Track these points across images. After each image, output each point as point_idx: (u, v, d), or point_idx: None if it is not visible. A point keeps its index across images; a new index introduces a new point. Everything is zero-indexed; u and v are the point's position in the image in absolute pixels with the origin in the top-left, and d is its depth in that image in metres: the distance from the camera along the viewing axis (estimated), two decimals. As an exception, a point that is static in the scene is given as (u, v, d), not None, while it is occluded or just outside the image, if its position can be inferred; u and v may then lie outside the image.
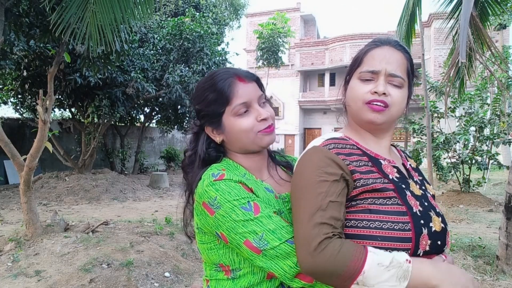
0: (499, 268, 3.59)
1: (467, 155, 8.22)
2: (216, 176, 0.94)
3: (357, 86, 0.96)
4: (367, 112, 0.93)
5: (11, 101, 9.62)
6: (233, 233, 0.89)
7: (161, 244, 4.26)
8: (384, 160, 0.96)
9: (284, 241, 0.85)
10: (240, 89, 0.98)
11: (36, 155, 4.03)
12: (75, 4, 3.21)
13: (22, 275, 3.35)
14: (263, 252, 0.86)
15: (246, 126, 0.98)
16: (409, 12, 5.37)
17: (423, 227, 0.87)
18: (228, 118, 0.99)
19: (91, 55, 4.58)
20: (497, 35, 16.05)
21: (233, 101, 0.98)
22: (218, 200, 0.90)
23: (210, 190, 0.92)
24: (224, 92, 0.98)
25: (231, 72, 1.01)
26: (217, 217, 0.91)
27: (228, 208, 0.89)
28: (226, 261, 0.97)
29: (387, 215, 0.85)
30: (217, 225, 0.92)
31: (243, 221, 0.88)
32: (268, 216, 0.89)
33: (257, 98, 1.01)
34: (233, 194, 0.91)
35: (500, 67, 6.47)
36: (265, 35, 15.52)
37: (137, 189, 9.23)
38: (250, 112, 0.99)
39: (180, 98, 10.11)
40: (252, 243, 0.86)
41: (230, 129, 1.00)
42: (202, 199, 0.94)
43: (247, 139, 0.99)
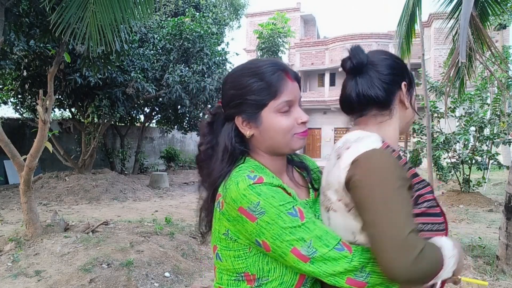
0: (499, 268, 3.59)
1: (467, 155, 8.22)
2: (254, 179, 0.87)
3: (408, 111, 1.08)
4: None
5: (11, 101, 9.62)
6: (279, 240, 0.84)
7: (161, 244, 4.26)
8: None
9: (332, 247, 0.83)
10: (290, 87, 0.94)
11: (36, 155, 4.03)
12: (75, 4, 3.21)
13: (22, 275, 3.35)
14: (311, 260, 0.83)
15: (286, 126, 0.93)
16: (409, 12, 5.36)
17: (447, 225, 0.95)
18: (269, 113, 0.93)
19: (91, 55, 4.57)
20: (497, 35, 16.04)
21: (280, 96, 0.92)
22: (262, 206, 0.84)
23: (250, 194, 0.85)
24: (273, 84, 0.92)
25: (280, 65, 0.95)
26: (259, 223, 0.84)
27: (273, 214, 0.83)
28: (253, 270, 0.91)
29: (433, 217, 0.91)
30: (259, 233, 0.85)
31: (290, 228, 0.83)
32: (313, 222, 0.86)
33: (299, 99, 0.98)
34: (277, 199, 0.85)
35: (500, 67, 6.47)
36: (265, 35, 15.51)
37: (137, 189, 9.23)
38: (291, 112, 0.94)
39: (180, 98, 10.11)
40: (300, 251, 0.83)
41: (267, 125, 0.93)
42: (239, 205, 0.86)
43: (283, 140, 0.94)
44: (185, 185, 11.51)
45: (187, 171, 15.14)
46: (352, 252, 0.84)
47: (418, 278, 0.80)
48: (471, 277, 3.44)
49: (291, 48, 22.16)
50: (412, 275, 0.78)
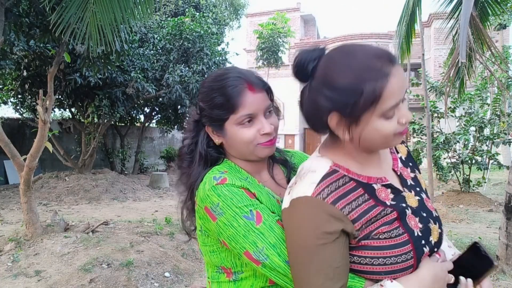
0: (499, 268, 3.58)
1: (467, 155, 8.22)
2: (218, 180, 0.92)
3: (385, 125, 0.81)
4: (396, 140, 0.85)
5: (11, 101, 9.61)
6: (233, 242, 0.87)
7: (161, 244, 4.26)
8: (376, 183, 0.88)
9: (284, 260, 0.83)
10: (249, 99, 0.94)
11: (36, 155, 4.03)
12: (75, 4, 3.21)
13: (22, 275, 3.35)
14: (262, 264, 0.85)
15: (247, 138, 0.96)
16: (409, 12, 5.37)
17: (424, 247, 0.86)
18: (231, 125, 0.96)
19: (91, 55, 4.58)
20: (497, 35, 16.03)
21: (239, 111, 0.94)
22: (221, 207, 0.89)
23: (212, 195, 0.90)
24: (231, 99, 0.94)
25: (243, 78, 0.96)
26: (219, 224, 0.89)
27: (230, 216, 0.87)
28: (228, 264, 0.96)
29: (389, 249, 0.83)
30: (219, 232, 0.90)
31: (244, 231, 0.86)
32: (270, 228, 0.86)
33: (264, 109, 0.97)
34: (235, 201, 0.88)
35: (500, 67, 6.47)
36: (265, 35, 15.51)
37: (137, 189, 9.23)
38: (253, 124, 0.96)
39: (180, 98, 10.11)
40: (252, 255, 0.85)
41: (230, 136, 0.98)
42: (204, 204, 0.92)
43: (246, 150, 0.97)
44: (185, 185, 11.51)
45: (187, 171, 15.11)
46: None
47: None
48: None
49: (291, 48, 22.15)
50: None
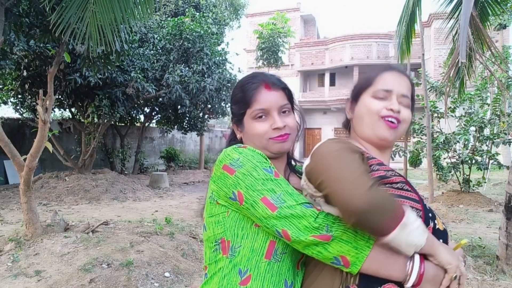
0: (499, 268, 3.59)
1: (467, 155, 8.22)
2: (240, 146, 1.02)
3: (372, 102, 1.02)
4: (381, 127, 1.00)
5: (11, 101, 9.61)
6: (251, 190, 0.91)
7: (161, 244, 4.26)
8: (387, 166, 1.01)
9: (300, 203, 0.88)
10: (263, 96, 1.05)
11: (36, 155, 4.03)
12: (75, 4, 3.21)
13: (22, 275, 3.35)
14: (278, 210, 0.88)
15: (259, 131, 1.04)
16: (409, 12, 5.36)
17: (431, 220, 0.93)
18: (248, 119, 1.07)
19: (91, 55, 4.58)
20: (497, 35, 16.04)
21: (253, 105, 1.05)
22: (241, 160, 0.95)
23: (233, 153, 0.98)
24: (247, 95, 1.06)
25: (261, 77, 1.08)
26: (237, 175, 0.94)
27: (250, 167, 0.94)
28: (229, 235, 0.98)
29: (403, 198, 0.91)
30: (235, 184, 0.94)
31: (263, 180, 0.92)
32: (286, 183, 0.94)
33: (279, 106, 1.05)
34: (256, 158, 0.96)
35: (500, 67, 6.47)
36: (265, 35, 15.51)
37: (137, 189, 9.23)
38: (266, 119, 1.05)
39: (180, 98, 10.11)
40: (269, 200, 0.89)
41: (247, 129, 1.08)
42: (223, 163, 0.98)
43: (259, 143, 1.05)
44: (185, 185, 11.52)
45: (187, 171, 15.13)
46: (320, 211, 0.88)
47: (375, 208, 0.79)
48: (471, 277, 3.44)
49: (291, 48, 22.15)
50: (367, 203, 0.79)
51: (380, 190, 0.83)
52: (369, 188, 0.80)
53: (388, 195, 0.84)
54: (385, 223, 0.80)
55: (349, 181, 0.82)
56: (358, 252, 0.84)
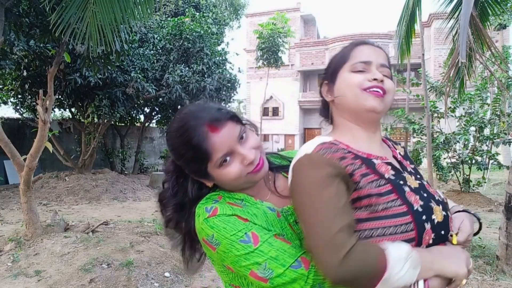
0: (499, 268, 3.59)
1: (467, 155, 8.22)
2: (209, 212, 0.93)
3: (351, 76, 0.95)
4: (368, 98, 0.92)
5: (11, 101, 9.61)
6: (237, 266, 0.89)
7: (161, 244, 4.26)
8: (377, 159, 0.94)
9: (288, 267, 0.84)
10: (216, 141, 0.90)
11: (36, 155, 4.03)
12: (75, 4, 3.21)
13: (22, 275, 3.35)
14: (270, 281, 0.85)
15: (234, 175, 0.94)
16: (409, 12, 5.36)
17: (426, 223, 0.86)
18: (213, 170, 0.95)
19: (91, 55, 4.57)
20: (497, 35, 16.03)
21: (213, 156, 0.92)
22: (216, 238, 0.90)
23: (206, 228, 0.91)
24: (200, 150, 0.91)
25: (202, 121, 0.91)
26: (219, 252, 0.91)
27: (227, 244, 0.89)
28: (236, 283, 0.98)
29: (388, 219, 0.85)
30: (221, 259, 0.92)
31: (244, 255, 0.87)
32: (268, 244, 0.88)
33: (236, 140, 0.94)
34: (229, 230, 0.89)
35: (500, 67, 6.46)
36: (265, 35, 15.51)
37: (137, 189, 9.23)
38: (234, 158, 0.94)
39: (180, 98, 10.10)
40: (257, 274, 0.86)
41: (218, 178, 0.97)
42: (201, 236, 0.94)
43: (238, 183, 0.97)
44: (185, 185, 11.51)
45: (187, 171, 15.13)
46: (309, 269, 0.84)
47: (351, 278, 0.77)
48: (471, 277, 3.44)
49: (291, 48, 22.16)
50: (342, 275, 0.76)
51: (355, 256, 0.77)
52: (342, 259, 0.76)
53: (364, 258, 0.77)
54: (363, 285, 0.78)
55: (321, 246, 0.79)
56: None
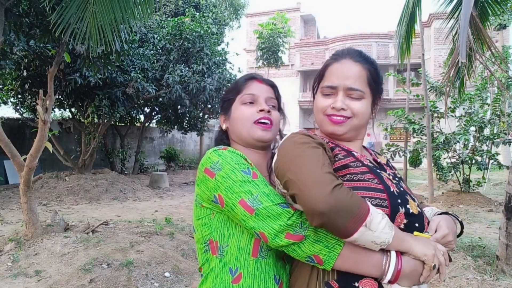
0: (499, 268, 3.58)
1: (467, 155, 8.22)
2: (220, 148, 1.05)
3: (319, 100, 1.04)
4: (328, 124, 1.02)
5: (11, 101, 9.60)
6: (230, 192, 0.94)
7: (161, 244, 4.26)
8: (357, 153, 1.02)
9: (276, 203, 0.90)
10: (252, 84, 1.15)
11: (36, 155, 4.03)
12: (75, 4, 3.21)
13: (22, 275, 3.35)
14: (255, 212, 0.89)
15: (246, 114, 1.10)
16: (409, 12, 5.36)
17: (400, 206, 0.92)
18: (236, 105, 1.14)
19: (91, 55, 4.57)
20: (497, 35, 16.02)
21: (243, 91, 1.14)
22: (220, 163, 0.98)
23: (213, 155, 1.01)
24: (239, 84, 1.16)
25: (255, 75, 1.19)
26: (217, 178, 0.97)
27: (228, 169, 0.96)
28: (216, 236, 1.01)
29: (365, 191, 0.91)
30: (216, 187, 0.97)
31: (240, 182, 0.94)
32: (264, 183, 0.96)
33: (266, 97, 1.14)
34: (234, 159, 0.99)
35: (500, 67, 6.46)
36: (265, 35, 15.51)
37: (137, 189, 9.23)
38: (254, 105, 1.12)
39: (180, 98, 10.10)
40: (246, 202, 0.91)
41: (234, 115, 1.14)
42: (204, 166, 1.01)
43: (244, 127, 1.10)
44: (185, 185, 11.51)
45: (187, 171, 15.13)
46: (295, 211, 0.90)
47: (337, 210, 0.80)
48: (471, 277, 3.44)
49: (291, 48, 22.15)
50: (330, 206, 0.79)
51: (342, 191, 0.82)
52: (331, 191, 0.80)
53: (351, 195, 0.83)
54: (348, 225, 0.81)
55: (310, 183, 0.83)
56: (330, 251, 0.86)
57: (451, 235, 0.97)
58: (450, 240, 0.96)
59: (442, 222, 0.99)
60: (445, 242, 0.95)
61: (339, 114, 0.99)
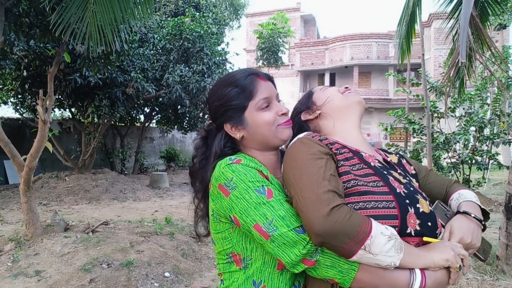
0: (499, 268, 3.58)
1: (467, 155, 8.21)
2: (233, 160, 0.98)
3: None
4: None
5: (11, 101, 9.60)
6: (244, 215, 0.90)
7: (161, 244, 4.26)
8: (365, 153, 1.03)
9: (292, 228, 0.86)
10: (263, 85, 1.05)
11: (36, 155, 4.03)
12: (75, 4, 3.21)
13: (22, 275, 3.35)
14: (271, 238, 0.87)
15: (269, 119, 1.03)
16: (409, 12, 5.36)
17: (409, 206, 0.90)
18: (251, 112, 1.04)
19: (91, 55, 4.57)
20: (497, 35, 16.03)
21: (256, 96, 1.03)
22: (234, 181, 0.93)
23: (227, 171, 0.95)
24: (247, 87, 1.03)
25: (250, 71, 1.08)
26: (231, 198, 0.93)
27: (242, 189, 0.91)
28: (238, 249, 0.98)
29: (370, 195, 0.90)
30: (230, 207, 0.93)
31: (255, 204, 0.89)
32: (280, 202, 0.90)
33: (276, 95, 1.09)
34: (248, 176, 0.93)
35: (500, 67, 6.46)
36: (265, 35, 15.51)
37: (137, 189, 9.22)
38: (271, 107, 1.05)
39: (180, 98, 10.10)
40: (261, 227, 0.88)
41: (252, 123, 1.04)
42: (219, 182, 0.96)
43: (269, 132, 1.04)
44: (185, 185, 11.51)
45: (187, 171, 14.98)
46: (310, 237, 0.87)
47: (335, 231, 0.80)
48: (471, 277, 3.44)
49: (291, 48, 22.15)
50: (327, 227, 0.80)
51: (340, 212, 0.81)
52: (328, 213, 0.80)
53: (349, 217, 0.81)
54: (345, 247, 0.81)
55: (308, 204, 0.83)
56: (344, 276, 0.85)
57: (467, 237, 0.94)
58: (467, 242, 0.93)
59: (454, 226, 0.96)
60: (464, 247, 0.92)
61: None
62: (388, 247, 0.81)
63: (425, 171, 1.20)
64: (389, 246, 0.81)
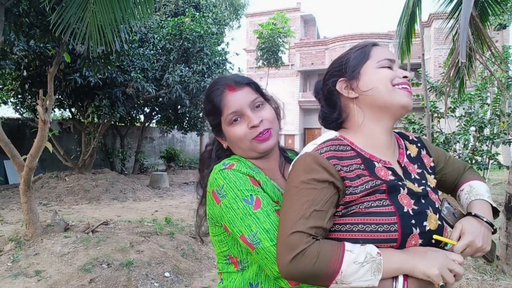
0: (499, 268, 3.58)
1: (467, 155, 8.21)
2: (226, 165, 0.98)
3: (382, 71, 0.95)
4: (402, 94, 0.94)
5: (11, 101, 9.61)
6: (232, 225, 0.91)
7: (161, 244, 4.26)
8: (379, 162, 0.93)
9: (275, 243, 0.86)
10: (230, 99, 1.01)
11: (36, 155, 4.03)
12: (75, 4, 3.21)
13: (22, 275, 3.35)
14: (255, 250, 0.88)
15: (239, 134, 1.00)
16: (409, 12, 5.36)
17: (414, 227, 0.86)
18: (225, 127, 1.03)
19: (91, 55, 4.57)
20: (497, 35, 16.03)
21: (223, 112, 1.02)
22: (225, 189, 0.93)
23: (219, 177, 0.95)
24: (215, 104, 1.03)
25: (223, 81, 1.04)
26: (221, 206, 0.93)
27: (231, 197, 0.92)
28: (234, 252, 0.99)
29: (372, 216, 0.85)
30: (221, 216, 0.94)
31: (242, 214, 0.90)
32: (267, 214, 0.90)
33: (249, 103, 1.01)
34: (238, 184, 0.93)
35: (500, 67, 6.46)
36: (265, 35, 15.51)
37: (137, 189, 9.23)
38: (242, 120, 1.01)
39: (180, 98, 10.11)
40: (246, 239, 0.88)
41: (228, 137, 1.04)
42: (212, 187, 0.97)
43: (244, 146, 1.01)
44: (185, 185, 11.51)
45: (187, 171, 15.13)
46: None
47: (298, 277, 0.81)
48: (471, 277, 3.44)
49: (291, 48, 22.15)
50: (290, 274, 0.81)
51: (305, 258, 0.79)
52: (291, 260, 0.79)
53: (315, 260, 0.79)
54: (316, 283, 0.82)
55: (279, 241, 0.83)
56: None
57: (478, 240, 0.90)
58: (478, 246, 0.89)
59: (465, 227, 0.92)
60: (474, 250, 0.90)
61: (408, 84, 0.95)
62: (362, 273, 0.79)
63: (444, 161, 1.12)
64: (363, 272, 0.79)
